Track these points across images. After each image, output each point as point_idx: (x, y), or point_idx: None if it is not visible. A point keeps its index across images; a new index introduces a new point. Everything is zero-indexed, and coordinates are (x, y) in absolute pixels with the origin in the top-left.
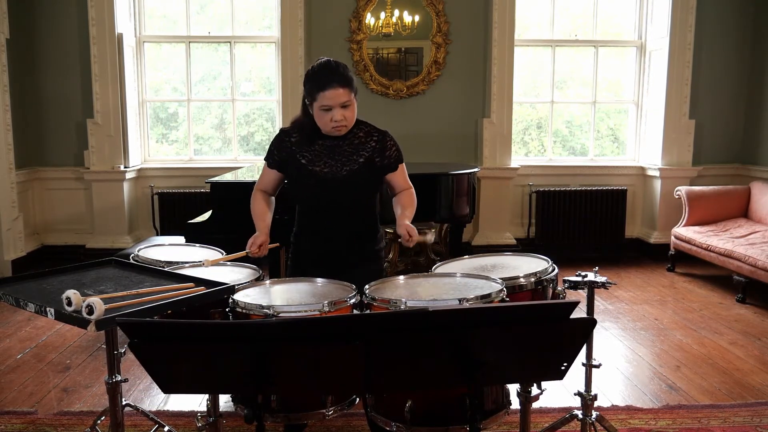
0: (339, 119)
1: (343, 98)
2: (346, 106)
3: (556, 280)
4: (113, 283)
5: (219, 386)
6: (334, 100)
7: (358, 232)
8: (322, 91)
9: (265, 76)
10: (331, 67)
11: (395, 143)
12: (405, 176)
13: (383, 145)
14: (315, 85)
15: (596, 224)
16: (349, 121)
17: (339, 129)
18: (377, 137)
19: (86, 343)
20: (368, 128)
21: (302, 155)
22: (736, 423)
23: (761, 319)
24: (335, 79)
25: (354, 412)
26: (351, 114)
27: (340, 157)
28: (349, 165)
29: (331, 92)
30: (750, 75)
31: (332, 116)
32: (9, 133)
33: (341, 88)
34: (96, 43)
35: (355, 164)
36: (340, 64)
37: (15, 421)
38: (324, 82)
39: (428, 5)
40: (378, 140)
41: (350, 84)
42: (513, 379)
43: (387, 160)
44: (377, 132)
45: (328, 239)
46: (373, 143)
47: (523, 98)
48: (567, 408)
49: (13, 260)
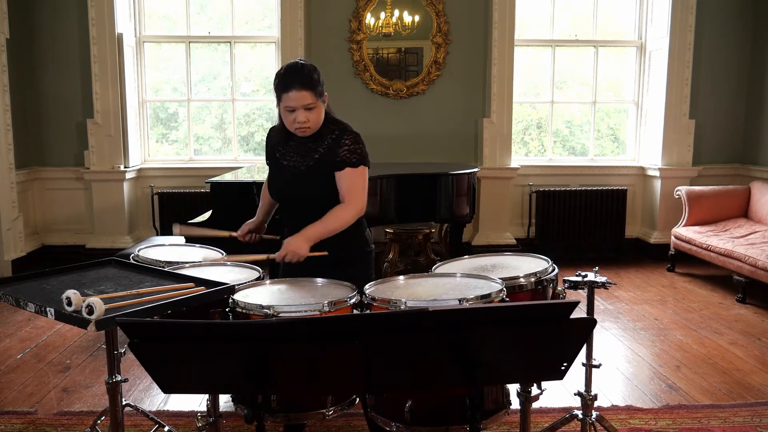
0: (302, 120)
1: (306, 100)
2: (311, 108)
3: (556, 280)
4: (113, 283)
5: (219, 386)
6: (297, 101)
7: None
8: (285, 92)
9: (265, 76)
10: (296, 69)
11: (354, 146)
12: (351, 185)
13: (337, 142)
14: (279, 87)
15: (596, 224)
16: (313, 123)
17: (303, 130)
18: (336, 135)
19: (86, 343)
20: (334, 126)
21: (278, 151)
22: (736, 423)
23: (761, 319)
24: (298, 80)
25: (354, 412)
26: (315, 116)
27: (304, 152)
28: (307, 160)
29: (293, 93)
30: (750, 75)
31: (295, 117)
32: (9, 133)
33: (304, 91)
34: (96, 43)
35: (311, 159)
36: (306, 66)
37: (15, 421)
38: (287, 83)
39: (428, 5)
40: (335, 138)
41: (314, 87)
42: (513, 379)
43: (337, 157)
44: (339, 130)
45: None
46: (330, 140)
47: (523, 98)
48: (567, 408)
49: (13, 260)
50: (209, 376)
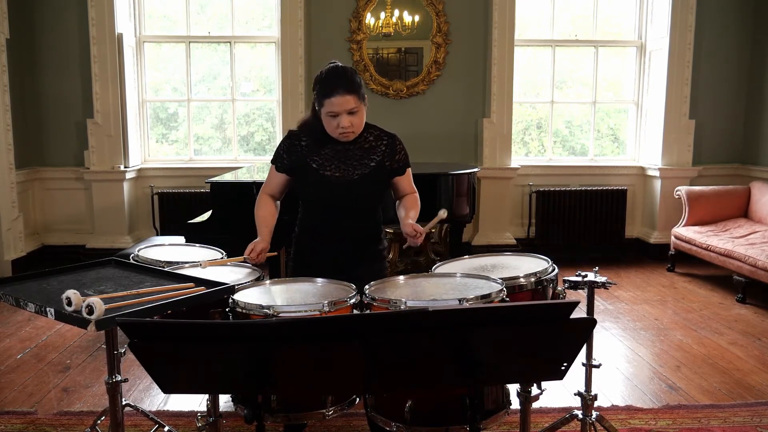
0: (346, 126)
1: (350, 105)
2: (353, 112)
3: (556, 280)
4: (113, 283)
5: (219, 386)
6: (341, 107)
7: (363, 233)
8: (328, 98)
9: (264, 76)
10: (338, 74)
11: (404, 147)
12: (411, 180)
13: (393, 148)
14: (322, 92)
15: (596, 224)
16: (357, 128)
17: (346, 135)
18: (387, 141)
19: (86, 343)
20: (378, 132)
21: (313, 159)
22: (736, 423)
23: (761, 319)
24: (342, 85)
25: (354, 412)
26: (358, 120)
27: (351, 161)
28: (360, 169)
29: (337, 99)
30: (750, 75)
31: (339, 122)
32: (9, 133)
33: (348, 95)
34: (96, 43)
35: (367, 168)
36: (348, 69)
37: (15, 421)
38: (330, 89)
39: (428, 5)
40: (388, 144)
41: (357, 90)
42: (513, 379)
43: (396, 164)
44: (387, 135)
45: (332, 240)
46: (384, 147)
47: (523, 98)
48: (567, 408)
49: (13, 260)
50: (209, 376)
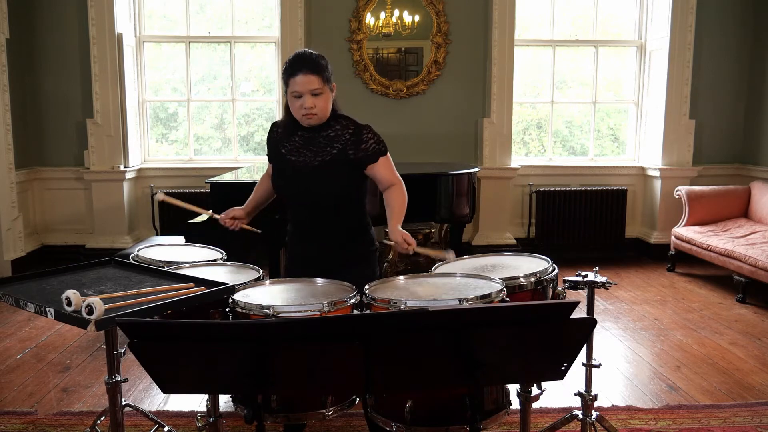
0: (309, 106)
1: (313, 85)
2: (317, 94)
3: (556, 280)
4: (113, 283)
5: (219, 386)
6: (304, 86)
7: (342, 231)
8: (292, 77)
9: (264, 75)
10: (304, 56)
11: (374, 136)
12: (390, 170)
13: (359, 138)
14: (286, 72)
15: (596, 224)
16: (321, 110)
17: (309, 117)
18: (353, 130)
19: (86, 343)
20: (347, 122)
21: (283, 146)
22: (736, 423)
23: (761, 319)
24: (305, 65)
25: (354, 412)
26: (322, 103)
27: (315, 148)
28: (321, 156)
29: (300, 78)
30: (750, 75)
31: (302, 103)
32: (9, 133)
33: (311, 75)
34: (96, 43)
35: (328, 155)
36: (315, 54)
37: (15, 421)
38: (295, 68)
39: (428, 5)
40: (354, 133)
41: (321, 72)
42: (513, 379)
43: (363, 152)
44: (354, 125)
45: (312, 238)
46: (348, 136)
47: (523, 98)
48: (567, 408)
49: (13, 260)
50: (209, 376)
